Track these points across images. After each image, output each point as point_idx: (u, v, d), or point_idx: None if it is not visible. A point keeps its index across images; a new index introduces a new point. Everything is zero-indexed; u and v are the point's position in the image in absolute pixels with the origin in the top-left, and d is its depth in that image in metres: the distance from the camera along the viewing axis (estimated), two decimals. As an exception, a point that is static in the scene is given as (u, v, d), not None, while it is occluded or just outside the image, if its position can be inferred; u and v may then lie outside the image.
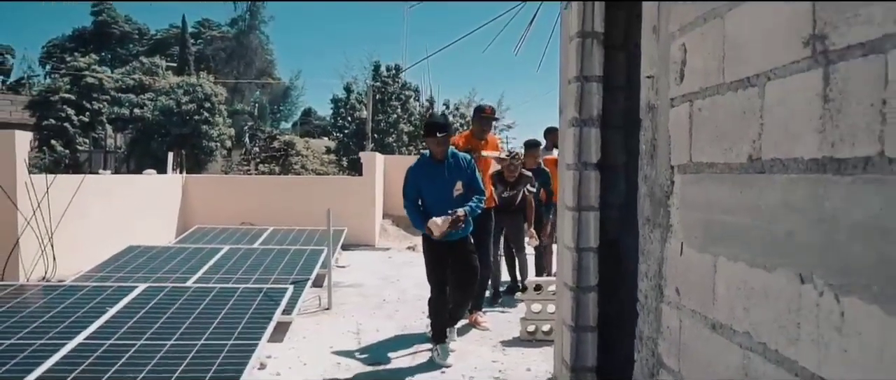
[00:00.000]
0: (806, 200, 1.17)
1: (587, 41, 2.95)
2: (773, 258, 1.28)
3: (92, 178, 6.97)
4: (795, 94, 1.21)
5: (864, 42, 1.03)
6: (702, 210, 1.62)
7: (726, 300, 1.48)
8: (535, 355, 4.00)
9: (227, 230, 7.99)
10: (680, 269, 1.75)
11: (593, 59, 2.95)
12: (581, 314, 3.04)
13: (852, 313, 1.05)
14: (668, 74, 1.85)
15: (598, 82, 2.96)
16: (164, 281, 4.88)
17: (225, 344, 3.26)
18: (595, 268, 3.01)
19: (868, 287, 1.01)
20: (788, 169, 1.23)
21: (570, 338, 3.07)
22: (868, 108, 1.01)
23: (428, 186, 3.93)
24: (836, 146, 1.09)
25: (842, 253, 1.07)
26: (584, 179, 2.99)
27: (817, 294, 1.13)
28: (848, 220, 1.05)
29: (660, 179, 1.91)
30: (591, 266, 3.02)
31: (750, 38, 1.39)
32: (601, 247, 3.03)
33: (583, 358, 3.07)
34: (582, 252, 3.02)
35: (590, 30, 2.95)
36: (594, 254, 3.02)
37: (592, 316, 3.04)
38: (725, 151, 1.49)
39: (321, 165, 21.48)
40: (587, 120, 2.97)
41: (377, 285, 6.26)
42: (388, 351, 4.09)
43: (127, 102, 21.84)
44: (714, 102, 1.55)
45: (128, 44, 40.25)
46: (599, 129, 2.98)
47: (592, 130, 2.97)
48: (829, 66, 1.11)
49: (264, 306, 3.91)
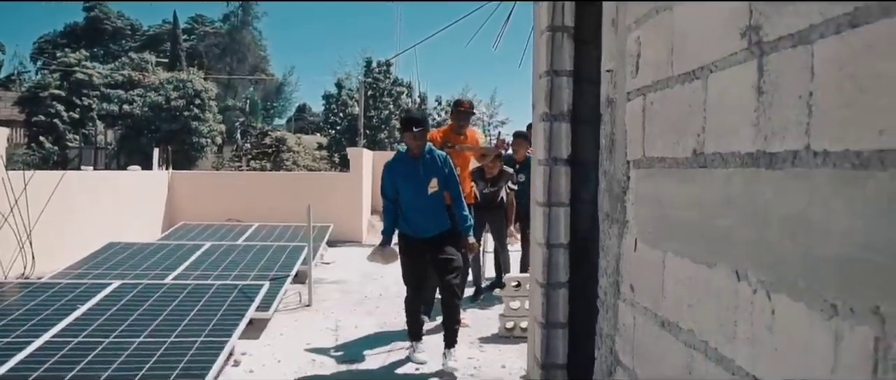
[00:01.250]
0: (742, 195, 1.15)
1: (557, 35, 2.92)
2: (714, 255, 1.26)
3: (72, 174, 6.91)
4: (733, 86, 1.19)
5: (793, 33, 1.00)
6: (653, 205, 1.59)
7: (674, 297, 1.46)
8: (511, 353, 3.98)
9: (212, 227, 7.94)
10: (634, 265, 1.73)
11: (563, 53, 2.92)
12: (551, 311, 3.01)
13: (782, 311, 1.02)
14: (625, 68, 1.83)
15: (569, 77, 2.93)
16: (141, 278, 4.84)
17: (195, 341, 3.23)
18: (565, 264, 2.99)
19: (795, 284, 0.98)
20: (727, 163, 1.21)
21: (541, 335, 3.05)
22: (797, 100, 0.99)
23: (403, 182, 3.87)
24: (768, 140, 1.07)
25: (773, 249, 1.04)
26: (555, 175, 2.96)
27: (751, 292, 1.11)
28: (777, 215, 1.03)
29: (617, 175, 1.89)
30: (560, 262, 2.99)
31: (695, 29, 1.37)
32: (572, 243, 3.00)
33: (553, 355, 3.04)
34: (552, 248, 2.99)
35: (560, 24, 2.92)
36: (564, 250, 2.99)
37: (563, 313, 3.02)
38: (674, 145, 1.46)
39: (313, 161, 21.42)
40: (557, 115, 2.94)
41: (360, 282, 6.23)
42: (365, 348, 4.07)
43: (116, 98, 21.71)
44: (664, 95, 1.53)
45: (120, 40, 40.05)
46: (570, 124, 2.95)
47: (563, 125, 2.94)
48: (762, 57, 1.09)
49: (238, 302, 3.88)
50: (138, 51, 32.48)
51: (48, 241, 5.79)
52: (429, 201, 3.84)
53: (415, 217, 3.84)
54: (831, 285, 0.90)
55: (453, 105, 5.03)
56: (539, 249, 3.19)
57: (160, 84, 21.34)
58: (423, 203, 3.83)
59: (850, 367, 0.86)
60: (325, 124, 25.20)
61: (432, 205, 3.85)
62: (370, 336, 4.36)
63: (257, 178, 11.22)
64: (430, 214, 3.85)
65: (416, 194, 3.85)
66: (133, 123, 21.02)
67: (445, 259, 3.82)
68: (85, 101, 22.80)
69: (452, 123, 4.80)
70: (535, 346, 3.35)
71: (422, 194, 3.84)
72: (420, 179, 3.86)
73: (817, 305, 0.93)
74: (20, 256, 5.58)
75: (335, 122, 23.90)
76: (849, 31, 0.87)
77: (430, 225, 3.84)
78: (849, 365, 0.86)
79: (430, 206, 3.84)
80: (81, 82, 23.62)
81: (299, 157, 20.81)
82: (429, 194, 3.85)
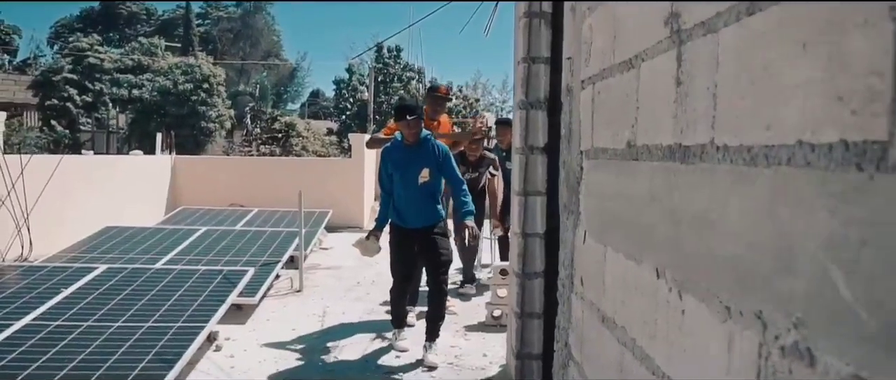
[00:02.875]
0: (662, 190, 1.11)
1: (534, 21, 2.86)
2: (641, 251, 1.22)
3: (71, 158, 6.96)
4: (659, 76, 1.14)
5: (704, 21, 0.95)
6: (598, 198, 1.56)
7: (612, 293, 1.42)
8: (494, 341, 3.96)
9: (212, 211, 7.98)
10: (583, 258, 1.70)
11: (540, 40, 2.87)
12: (527, 301, 2.98)
13: (690, 312, 0.98)
14: (581, 56, 1.78)
15: (546, 64, 2.88)
16: (133, 262, 4.86)
17: (172, 326, 3.24)
18: (541, 254, 2.95)
19: (699, 285, 0.94)
20: (653, 156, 1.17)
21: (517, 325, 3.02)
22: (705, 91, 0.94)
23: (394, 170, 3.80)
24: (684, 133, 1.03)
25: (684, 248, 1.01)
26: (531, 163, 2.92)
27: (668, 290, 1.07)
28: (689, 212, 0.99)
29: (573, 165, 1.85)
30: (537, 252, 2.96)
31: (631, 17, 1.32)
32: (549, 232, 2.96)
33: (529, 345, 3.02)
34: (528, 238, 2.96)
35: (537, 10, 2.87)
36: (540, 239, 2.96)
37: (539, 303, 2.99)
38: (613, 136, 1.42)
39: (322, 146, 21.44)
40: (534, 102, 2.89)
41: (354, 268, 6.23)
42: (349, 335, 4.07)
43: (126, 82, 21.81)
44: (607, 84, 1.48)
45: (135, 24, 40.23)
46: (547, 112, 2.90)
47: (539, 113, 2.90)
48: (681, 46, 1.04)
49: (221, 288, 3.89)
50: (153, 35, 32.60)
51: (46, 224, 5.84)
52: (419, 192, 3.76)
53: (404, 206, 3.77)
54: (726, 287, 0.86)
55: (428, 89, 4.94)
56: (515, 239, 3.16)
57: (169, 69, 21.42)
58: (413, 193, 3.75)
59: (740, 373, 0.82)
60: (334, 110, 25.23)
61: (423, 195, 3.77)
62: (356, 322, 4.36)
63: (260, 163, 11.25)
64: (419, 205, 3.76)
65: (407, 183, 3.76)
66: (142, 107, 21.13)
67: (434, 254, 3.73)
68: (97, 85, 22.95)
69: (427, 108, 4.61)
70: (511, 336, 3.33)
71: (412, 184, 3.76)
72: (411, 168, 3.77)
73: (715, 306, 0.89)
74: (18, 239, 5.63)
75: (345, 107, 23.91)
76: (746, 19, 0.82)
77: (418, 216, 3.76)
78: (738, 370, 0.82)
79: (420, 196, 3.76)
80: (94, 67, 23.77)
81: (308, 142, 20.84)
82: (419, 184, 3.75)
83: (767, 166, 0.75)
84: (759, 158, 0.77)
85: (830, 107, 0.64)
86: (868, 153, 0.58)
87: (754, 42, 0.80)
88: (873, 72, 0.58)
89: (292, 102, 41.09)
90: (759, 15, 0.79)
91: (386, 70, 24.17)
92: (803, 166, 0.68)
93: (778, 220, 0.73)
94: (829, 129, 0.64)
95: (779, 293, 0.73)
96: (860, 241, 0.59)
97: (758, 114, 0.78)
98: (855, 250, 0.60)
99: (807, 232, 0.67)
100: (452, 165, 3.86)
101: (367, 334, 4.09)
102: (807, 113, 0.68)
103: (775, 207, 0.74)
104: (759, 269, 0.77)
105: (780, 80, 0.73)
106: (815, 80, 0.66)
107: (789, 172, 0.71)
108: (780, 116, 0.73)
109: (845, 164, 0.61)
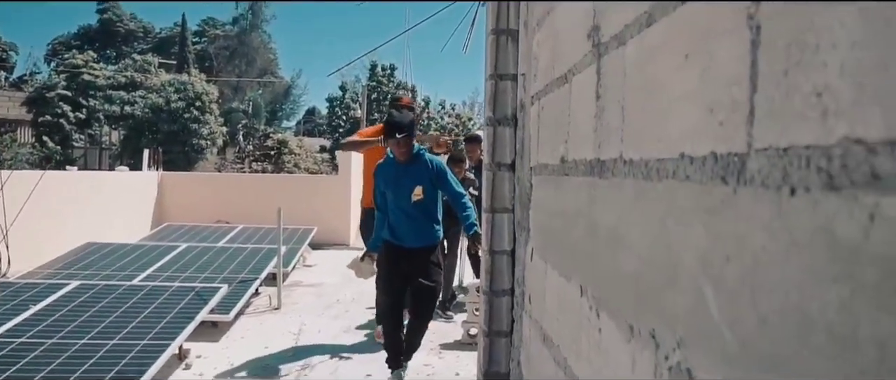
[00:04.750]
0: (585, 205, 1.09)
1: (501, 38, 2.85)
2: (570, 267, 1.20)
3: (54, 174, 6.93)
4: (584, 90, 1.13)
5: (616, 33, 0.94)
6: (542, 214, 1.54)
7: (551, 310, 1.40)
8: (468, 360, 3.91)
9: (197, 228, 7.93)
10: (531, 276, 1.68)
11: (508, 57, 2.85)
12: (494, 319, 2.94)
13: (605, 330, 0.96)
14: (531, 72, 1.78)
15: (513, 80, 2.87)
16: (110, 278, 4.82)
17: (138, 343, 3.19)
18: (509, 271, 2.92)
19: (609, 302, 0.92)
20: (579, 171, 1.15)
21: (484, 343, 2.98)
22: (616, 105, 0.93)
23: (387, 188, 3.65)
24: (602, 147, 1.01)
25: (600, 264, 0.98)
26: (498, 180, 2.89)
27: (588, 308, 1.05)
28: (604, 228, 0.97)
29: (524, 182, 1.83)
30: (504, 269, 2.92)
31: (566, 31, 1.31)
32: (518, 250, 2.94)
33: (496, 364, 2.97)
34: (495, 255, 2.91)
35: (505, 27, 2.86)
36: (508, 257, 2.92)
37: (506, 321, 2.95)
38: (552, 151, 1.41)
39: (314, 164, 21.44)
40: (501, 119, 2.87)
41: (336, 285, 6.18)
42: (322, 353, 4.02)
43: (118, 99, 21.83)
44: (548, 100, 1.47)
45: (132, 42, 40.37)
46: (514, 128, 2.89)
47: (506, 130, 2.88)
48: (600, 60, 1.03)
49: (194, 304, 3.84)
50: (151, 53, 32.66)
51: (27, 241, 5.79)
52: (413, 210, 3.60)
53: (397, 225, 3.62)
54: (629, 305, 0.83)
55: (390, 101, 4.87)
56: (483, 256, 3.13)
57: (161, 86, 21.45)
58: (407, 211, 3.60)
59: (640, 394, 0.79)
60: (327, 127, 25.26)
61: (416, 215, 3.61)
62: (332, 340, 4.31)
63: (247, 179, 11.23)
64: (413, 225, 3.62)
65: (399, 202, 3.61)
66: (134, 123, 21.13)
67: (424, 284, 3.59)
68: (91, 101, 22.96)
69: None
70: (480, 354, 3.28)
71: (405, 202, 3.61)
72: (403, 186, 3.62)
73: (622, 325, 0.87)
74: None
75: (338, 125, 23.95)
76: (645, 30, 0.81)
77: (412, 236, 3.62)
78: (639, 392, 0.80)
79: (413, 215, 3.61)
80: (88, 83, 23.81)
81: (301, 159, 20.84)
82: (413, 203, 3.61)
83: (660, 180, 0.74)
84: (654, 172, 0.75)
85: (704, 119, 0.62)
86: (731, 166, 0.56)
87: (651, 54, 0.78)
88: (734, 81, 0.56)
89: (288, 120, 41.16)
90: (655, 26, 0.78)
91: (379, 88, 24.25)
92: (684, 180, 0.66)
93: (667, 235, 0.71)
94: (703, 141, 0.62)
95: (667, 311, 0.70)
96: (725, 257, 0.57)
97: (653, 127, 0.76)
98: (721, 267, 0.58)
99: (687, 248, 0.65)
100: (449, 179, 3.71)
101: (340, 353, 4.04)
102: (687, 125, 0.66)
103: (666, 222, 0.72)
104: (654, 286, 0.75)
105: (668, 92, 0.71)
106: (693, 91, 0.65)
107: (675, 186, 0.69)
108: (668, 129, 0.71)
109: (714, 177, 0.59)
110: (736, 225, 0.56)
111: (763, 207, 0.52)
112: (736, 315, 0.55)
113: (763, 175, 0.52)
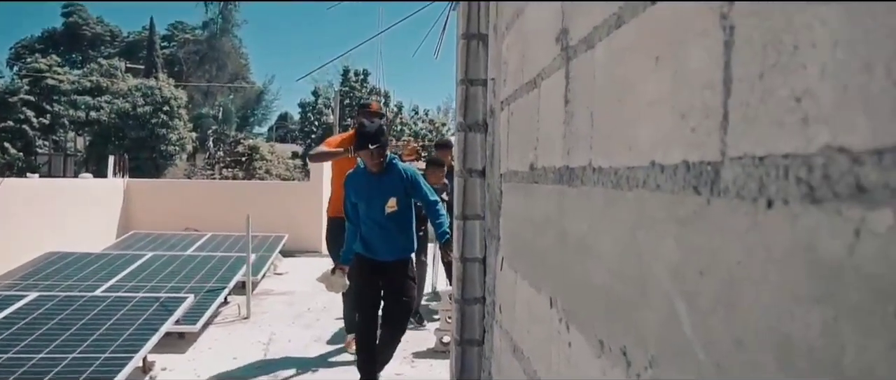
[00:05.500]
0: (555, 213, 1.06)
1: (472, 43, 2.83)
2: (539, 278, 1.16)
3: (13, 182, 6.72)
4: (553, 95, 1.10)
5: (585, 36, 0.91)
6: (512, 222, 1.51)
7: (521, 321, 1.37)
8: (441, 368, 3.87)
9: (164, 236, 7.76)
10: (501, 285, 1.64)
11: (478, 63, 2.82)
12: (466, 327, 2.90)
13: (574, 344, 0.93)
14: (501, 76, 1.75)
15: (484, 86, 2.84)
16: (72, 289, 4.67)
17: (99, 356, 3.09)
18: (480, 279, 2.89)
19: (579, 315, 0.89)
20: (548, 179, 1.12)
21: (457, 352, 2.94)
22: (585, 110, 0.90)
23: (359, 200, 3.51)
24: (570, 154, 0.98)
25: (570, 275, 0.95)
26: (470, 187, 2.86)
27: (558, 320, 1.02)
28: (573, 237, 0.94)
29: (495, 189, 1.80)
30: (476, 277, 2.89)
31: (534, 34, 1.28)
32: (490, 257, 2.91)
33: (469, 373, 2.93)
34: (467, 262, 2.88)
35: (475, 32, 2.83)
36: (480, 264, 2.89)
37: (478, 329, 2.92)
38: (521, 158, 1.38)
39: (286, 170, 21.20)
40: (472, 125, 2.85)
41: (307, 294, 6.09)
42: (292, 364, 3.94)
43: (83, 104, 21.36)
44: (518, 105, 1.44)
45: (99, 46, 39.58)
46: (485, 134, 2.86)
47: (478, 135, 2.85)
48: (568, 63, 1.00)
49: (158, 315, 3.74)
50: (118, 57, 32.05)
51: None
52: (387, 222, 3.48)
53: (370, 238, 3.50)
54: (599, 319, 0.80)
55: (359, 106, 4.78)
56: (455, 264, 3.09)
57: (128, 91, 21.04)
58: (380, 223, 3.47)
59: (611, 412, 0.76)
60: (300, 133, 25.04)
61: (390, 227, 3.49)
62: (301, 350, 4.23)
63: (216, 186, 11.05)
64: (387, 237, 3.50)
65: (372, 214, 3.48)
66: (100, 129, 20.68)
67: (397, 300, 3.50)
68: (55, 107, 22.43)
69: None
70: (452, 363, 3.24)
71: (378, 214, 3.48)
72: (376, 198, 3.49)
73: (592, 339, 0.83)
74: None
75: (310, 130, 23.73)
76: (615, 32, 0.78)
77: (386, 248, 3.50)
78: (609, 411, 0.76)
79: (387, 227, 3.49)
80: (53, 88, 23.27)
81: (272, 165, 20.58)
82: (386, 215, 3.47)
83: (630, 189, 0.70)
84: (623, 180, 0.72)
85: (676, 125, 0.59)
86: (703, 175, 0.53)
87: (620, 57, 0.75)
88: (707, 85, 0.53)
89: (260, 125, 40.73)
90: (624, 28, 0.74)
91: (352, 93, 24.11)
92: (655, 189, 0.63)
93: (638, 247, 0.68)
94: (675, 148, 0.59)
95: (638, 327, 0.67)
96: (698, 271, 0.54)
97: (623, 134, 0.73)
98: (694, 282, 0.54)
99: (658, 260, 0.62)
100: (422, 186, 3.61)
101: (311, 364, 3.96)
102: (658, 132, 0.63)
103: (636, 232, 0.68)
104: (624, 300, 0.71)
105: (638, 97, 0.68)
106: (664, 96, 0.62)
107: (645, 196, 0.66)
108: (638, 135, 0.68)
109: (687, 186, 0.56)
110: (710, 238, 0.53)
111: (738, 220, 0.49)
112: (710, 335, 0.52)
113: (738, 185, 0.48)
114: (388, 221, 3.47)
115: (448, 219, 3.61)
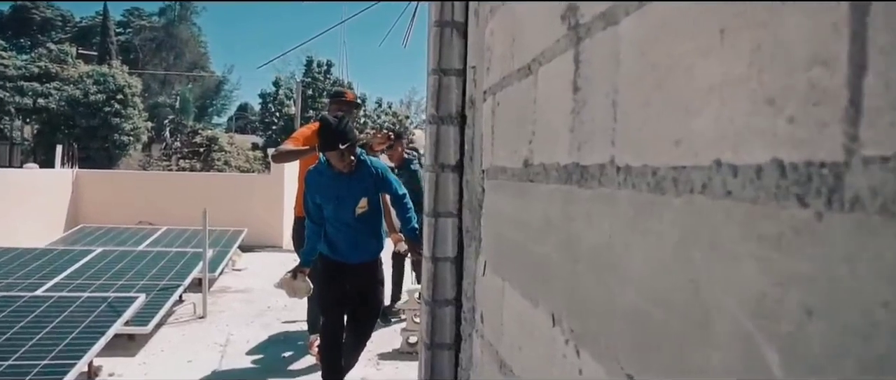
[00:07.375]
0: (560, 218, 0.92)
1: (446, 30, 2.68)
2: (536, 290, 1.03)
3: (-50, 171, 6.31)
4: (556, 82, 0.96)
5: (603, 11, 0.77)
6: (497, 223, 1.37)
7: (510, 334, 1.23)
8: (408, 370, 3.73)
9: (115, 230, 7.43)
10: (483, 292, 1.51)
11: (452, 51, 2.68)
12: (437, 330, 2.76)
13: (588, 372, 0.79)
14: (483, 64, 1.61)
15: (458, 76, 2.70)
16: (10, 289, 4.37)
17: (39, 363, 2.85)
18: (452, 279, 2.75)
19: (597, 340, 0.75)
20: (549, 177, 0.98)
21: (426, 355, 2.80)
22: (604, 98, 0.76)
23: (325, 200, 3.25)
24: (582, 150, 0.84)
25: (582, 291, 0.82)
26: (442, 182, 2.71)
27: (564, 342, 0.88)
28: (587, 247, 0.80)
29: (475, 185, 1.66)
30: (448, 278, 2.75)
31: (529, 14, 1.14)
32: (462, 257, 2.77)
33: (439, 377, 2.81)
34: (438, 262, 2.74)
35: (449, 19, 2.69)
36: (451, 264, 2.75)
37: (449, 333, 2.78)
38: (512, 153, 1.24)
39: (246, 161, 20.71)
40: (445, 117, 2.70)
41: (268, 291, 5.88)
42: (250, 368, 3.75)
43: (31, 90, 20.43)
44: (506, 94, 1.30)
45: (50, 31, 38.12)
46: (459, 127, 2.72)
47: (451, 128, 2.70)
48: (579, 44, 0.86)
49: (106, 316, 3.50)
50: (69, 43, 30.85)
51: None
52: (357, 223, 3.25)
53: (338, 240, 3.28)
54: (625, 348, 0.67)
55: (333, 95, 4.54)
56: (426, 263, 2.95)
57: (79, 77, 20.21)
58: (349, 225, 3.25)
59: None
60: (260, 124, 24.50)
61: (360, 228, 3.27)
62: (260, 351, 4.04)
63: (172, 178, 10.68)
64: (356, 238, 3.28)
65: (340, 215, 3.24)
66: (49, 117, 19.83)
67: (365, 305, 3.32)
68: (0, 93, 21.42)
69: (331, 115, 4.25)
70: (421, 367, 3.10)
71: (348, 216, 3.25)
72: (346, 198, 3.24)
73: (615, 371, 0.70)
74: None
75: (271, 122, 23.24)
76: (649, 4, 0.64)
77: (354, 251, 3.28)
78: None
79: (357, 229, 3.27)
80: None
81: (232, 157, 20.06)
82: (354, 216, 3.24)
83: (677, 195, 0.57)
84: (667, 183, 0.59)
85: (758, 113, 0.45)
86: (814, 181, 0.40)
87: (660, 33, 0.61)
88: (818, 60, 0.40)
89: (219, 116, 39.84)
90: None
91: (315, 84, 23.68)
92: (722, 197, 0.49)
93: (690, 267, 0.54)
94: (756, 144, 0.46)
95: (689, 366, 0.54)
96: (804, 309, 0.40)
97: (664, 125, 0.59)
98: (795, 321, 0.41)
99: (727, 289, 0.48)
100: (391, 180, 3.37)
101: (270, 367, 3.78)
102: (725, 123, 0.49)
103: (687, 250, 0.55)
104: (667, 331, 0.58)
105: (692, 80, 0.55)
106: (737, 77, 0.48)
107: (704, 204, 0.52)
108: (692, 127, 0.54)
109: (781, 195, 0.43)
110: (824, 265, 0.39)
111: (871, 242, 0.35)
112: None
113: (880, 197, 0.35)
114: (358, 223, 3.25)
115: (412, 215, 3.44)
